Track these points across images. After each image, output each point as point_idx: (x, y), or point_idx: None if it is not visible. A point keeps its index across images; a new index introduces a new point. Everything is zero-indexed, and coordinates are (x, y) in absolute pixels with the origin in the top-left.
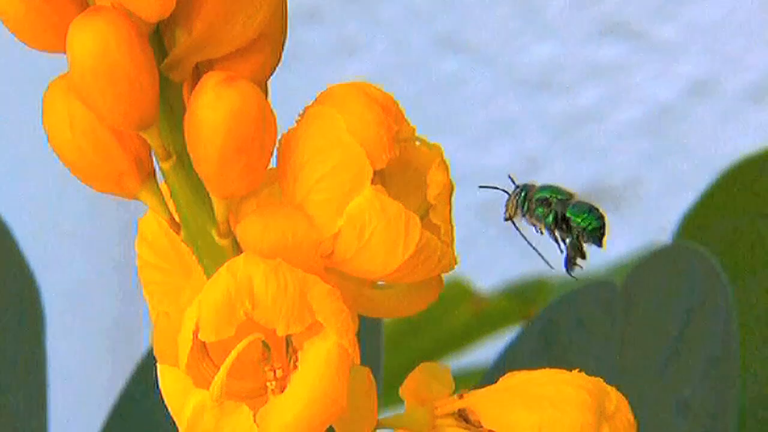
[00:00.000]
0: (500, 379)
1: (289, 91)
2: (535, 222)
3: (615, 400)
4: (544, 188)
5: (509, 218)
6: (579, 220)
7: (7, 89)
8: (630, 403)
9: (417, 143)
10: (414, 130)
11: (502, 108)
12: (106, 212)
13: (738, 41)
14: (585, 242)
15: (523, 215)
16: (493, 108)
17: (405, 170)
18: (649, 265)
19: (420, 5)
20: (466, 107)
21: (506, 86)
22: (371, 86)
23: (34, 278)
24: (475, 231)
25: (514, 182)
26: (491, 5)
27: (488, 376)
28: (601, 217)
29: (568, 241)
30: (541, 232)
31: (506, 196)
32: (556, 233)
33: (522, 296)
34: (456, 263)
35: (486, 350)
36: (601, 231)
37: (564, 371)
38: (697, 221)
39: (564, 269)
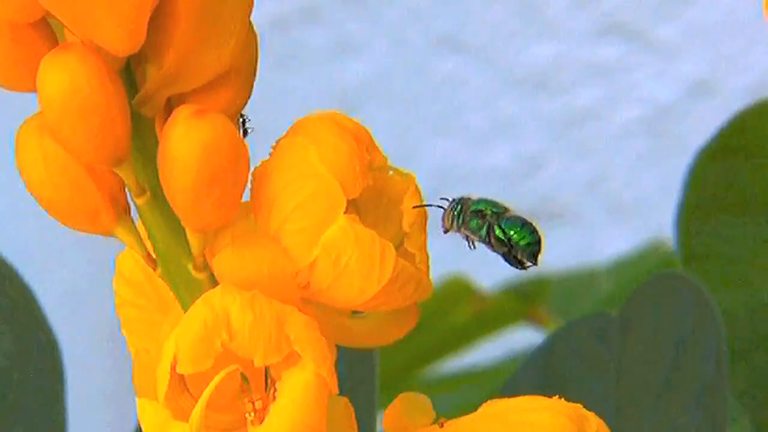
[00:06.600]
0: (481, 407)
1: (289, 90)
2: (469, 234)
3: (595, 425)
4: (479, 201)
5: (446, 231)
6: (512, 233)
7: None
8: None
9: (390, 172)
10: (386, 159)
11: (501, 108)
12: None
13: (738, 41)
14: (520, 257)
15: (459, 228)
16: (493, 108)
17: (379, 199)
18: (643, 294)
19: (420, 5)
20: (466, 107)
21: (506, 86)
22: (342, 116)
23: (54, 338)
24: None
25: (448, 201)
26: (491, 5)
27: None
28: (535, 232)
29: (502, 252)
30: (474, 246)
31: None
32: (489, 245)
33: (523, 295)
34: (431, 290)
35: (487, 350)
36: (536, 246)
37: (543, 398)
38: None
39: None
